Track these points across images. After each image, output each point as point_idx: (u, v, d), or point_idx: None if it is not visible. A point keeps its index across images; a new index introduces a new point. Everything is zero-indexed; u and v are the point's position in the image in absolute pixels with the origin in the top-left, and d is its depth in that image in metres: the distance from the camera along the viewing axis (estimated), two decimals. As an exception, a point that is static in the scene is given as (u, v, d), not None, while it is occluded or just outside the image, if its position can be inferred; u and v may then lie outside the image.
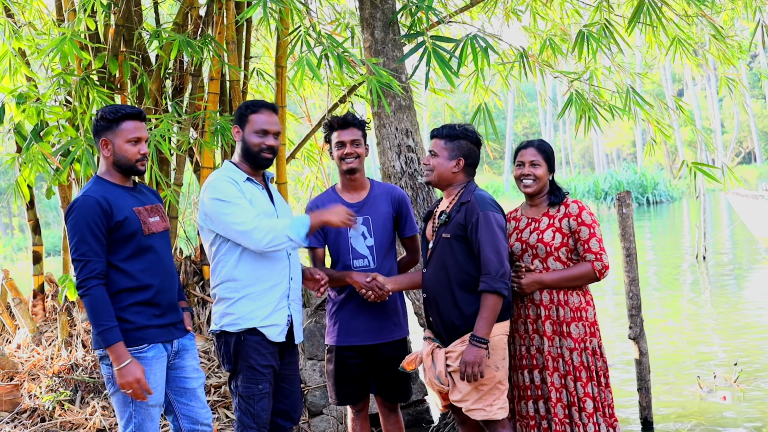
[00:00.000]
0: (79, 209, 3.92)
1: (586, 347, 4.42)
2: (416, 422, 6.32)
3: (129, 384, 3.87)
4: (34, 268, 7.21)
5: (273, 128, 4.34)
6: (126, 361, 3.87)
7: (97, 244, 3.90)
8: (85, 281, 3.87)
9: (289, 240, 4.12)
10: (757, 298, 11.88)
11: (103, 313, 3.87)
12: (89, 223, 3.88)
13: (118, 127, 4.00)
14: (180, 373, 4.20)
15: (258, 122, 4.31)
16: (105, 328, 3.85)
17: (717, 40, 7.07)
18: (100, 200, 3.92)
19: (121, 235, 3.96)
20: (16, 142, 6.65)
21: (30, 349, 6.77)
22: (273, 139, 4.33)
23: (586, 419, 4.37)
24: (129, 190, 4.10)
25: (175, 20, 7.12)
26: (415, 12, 5.83)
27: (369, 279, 4.46)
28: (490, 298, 4.13)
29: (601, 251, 4.41)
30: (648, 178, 38.56)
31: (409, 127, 5.84)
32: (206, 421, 4.27)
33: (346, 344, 4.64)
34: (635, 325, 6.06)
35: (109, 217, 3.92)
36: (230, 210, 4.15)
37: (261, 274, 4.26)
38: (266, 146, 4.30)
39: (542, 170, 4.52)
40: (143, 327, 3.99)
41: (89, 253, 3.88)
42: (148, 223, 4.05)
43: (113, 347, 3.87)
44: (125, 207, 3.99)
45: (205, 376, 4.41)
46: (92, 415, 5.97)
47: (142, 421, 4.02)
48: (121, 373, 3.87)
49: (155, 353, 4.03)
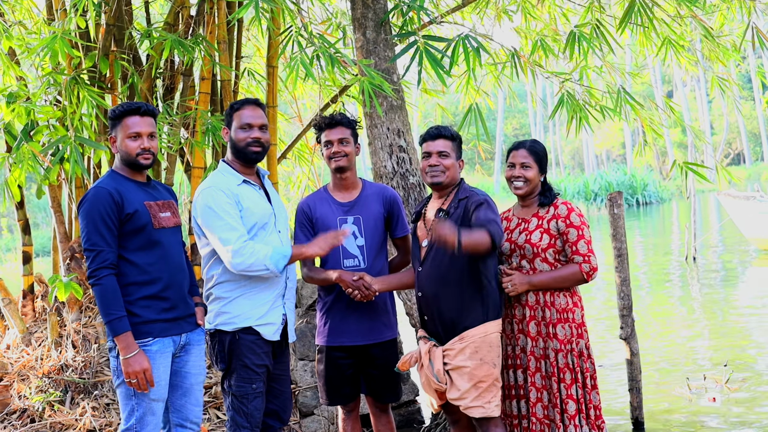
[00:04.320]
0: (92, 200, 4.00)
1: (573, 348, 4.42)
2: (407, 423, 6.32)
3: (135, 373, 3.92)
4: (24, 268, 7.18)
5: (257, 121, 4.37)
6: (133, 351, 3.94)
7: (109, 234, 3.96)
8: (97, 271, 3.93)
9: (266, 269, 4.18)
10: (747, 299, 11.91)
11: (113, 302, 3.93)
12: (101, 214, 3.95)
13: (120, 123, 4.11)
14: (182, 368, 4.22)
15: (242, 117, 4.37)
16: (114, 317, 3.92)
17: (708, 40, 7.08)
18: (112, 192, 4.00)
19: (130, 228, 4.02)
20: (6, 141, 6.62)
21: (20, 349, 6.74)
22: (258, 132, 4.36)
23: (568, 421, 4.37)
24: (142, 184, 4.18)
25: (166, 20, 7.11)
26: (406, 12, 5.83)
27: (356, 278, 4.45)
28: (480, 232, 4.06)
29: (590, 253, 4.42)
30: (638, 179, 38.67)
31: (401, 127, 5.84)
32: (196, 420, 4.28)
33: (337, 344, 4.64)
34: (626, 326, 6.07)
35: (120, 209, 3.99)
36: (218, 224, 4.19)
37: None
38: (252, 139, 4.33)
39: (533, 172, 4.53)
40: (150, 321, 4.04)
41: (101, 243, 3.95)
42: (158, 217, 4.11)
43: (121, 336, 3.93)
44: (136, 200, 4.06)
45: (206, 374, 4.41)
46: (82, 416, 5.94)
47: (143, 414, 4.05)
48: (128, 362, 3.92)
49: (160, 348, 4.06)
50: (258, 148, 4.36)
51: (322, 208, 4.65)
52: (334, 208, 4.64)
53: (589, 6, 6.64)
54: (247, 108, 4.39)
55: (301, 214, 4.67)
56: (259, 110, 4.42)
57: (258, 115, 4.39)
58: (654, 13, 6.18)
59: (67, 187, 7.05)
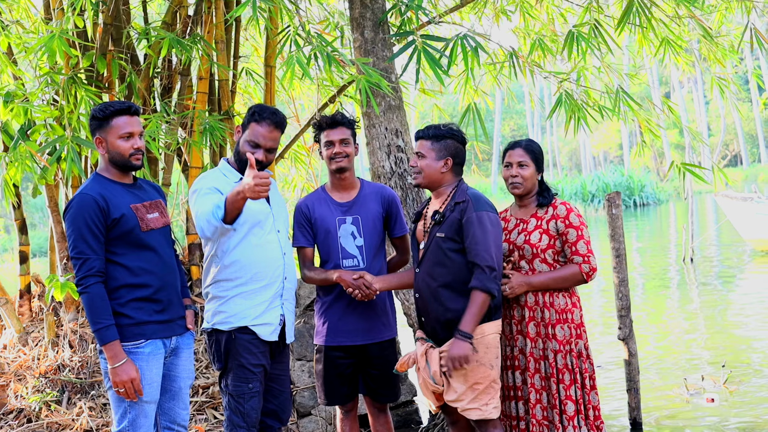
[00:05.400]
0: (77, 207, 3.94)
1: (572, 349, 4.41)
2: (405, 423, 6.31)
3: (122, 383, 3.90)
4: (21, 268, 7.16)
5: (267, 143, 4.28)
6: (121, 360, 3.90)
7: (95, 241, 3.91)
8: (84, 279, 3.90)
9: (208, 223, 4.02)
10: (745, 300, 11.91)
11: (101, 311, 3.89)
12: (87, 221, 3.90)
13: (109, 124, 4.02)
14: (171, 371, 4.19)
15: (254, 133, 4.27)
16: (102, 326, 3.88)
17: (706, 40, 7.08)
18: (97, 198, 3.93)
19: (118, 233, 3.97)
20: (3, 141, 6.60)
21: (16, 349, 6.72)
22: (262, 154, 4.26)
23: (567, 422, 4.36)
24: (128, 186, 4.11)
25: (164, 19, 7.09)
26: (404, 12, 5.82)
27: (356, 277, 4.44)
28: (480, 296, 4.12)
29: (589, 253, 4.41)
30: (635, 180, 38.64)
31: (399, 127, 5.82)
32: (183, 423, 4.28)
33: (335, 344, 4.62)
34: (624, 326, 6.06)
35: (105, 215, 3.93)
36: (195, 200, 4.21)
37: (255, 273, 4.27)
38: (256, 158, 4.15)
39: (530, 171, 4.51)
40: (142, 323, 4.00)
41: (87, 251, 3.90)
42: (146, 220, 4.05)
43: (109, 345, 3.90)
44: (122, 204, 4.00)
45: (194, 377, 4.39)
46: (79, 415, 5.93)
47: (136, 416, 4.02)
48: (115, 371, 3.89)
49: (152, 349, 4.04)
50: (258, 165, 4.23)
51: (321, 208, 4.64)
52: (333, 208, 4.63)
53: (587, 6, 6.63)
54: (265, 126, 4.27)
55: (299, 215, 4.66)
56: (276, 133, 4.31)
57: (272, 138, 4.29)
58: (652, 14, 6.18)
59: (63, 187, 7.03)
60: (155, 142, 6.27)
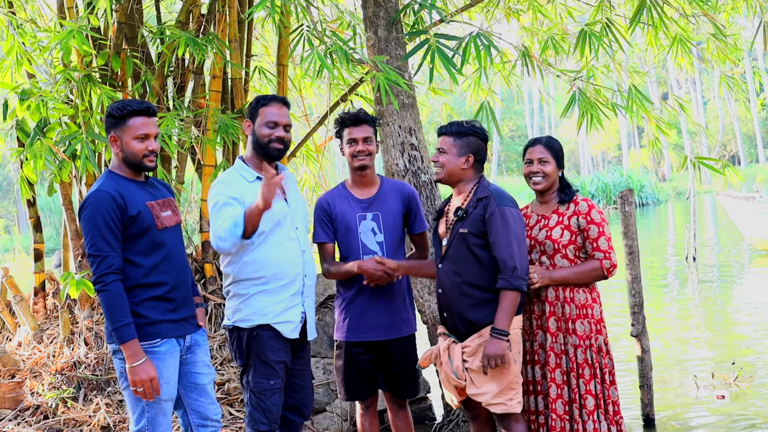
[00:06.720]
0: (94, 204, 3.89)
1: (591, 344, 4.45)
2: (420, 419, 6.33)
3: (141, 382, 3.86)
4: (35, 265, 7.17)
5: (283, 120, 4.36)
6: (140, 359, 3.87)
7: (113, 238, 3.88)
8: (103, 276, 3.85)
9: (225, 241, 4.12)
10: (749, 298, 11.95)
11: (119, 309, 3.85)
12: (105, 218, 3.86)
13: (125, 123, 3.99)
14: (191, 369, 4.19)
15: (268, 114, 4.34)
16: (121, 324, 3.84)
17: (716, 39, 7.12)
18: (114, 195, 3.90)
19: (135, 230, 3.95)
20: (18, 138, 6.63)
21: (31, 346, 6.74)
22: (282, 131, 4.35)
23: (586, 416, 4.39)
24: (141, 184, 4.09)
25: (178, 18, 7.12)
26: (418, 11, 5.85)
27: (377, 260, 4.48)
28: (509, 294, 4.16)
29: (610, 249, 4.45)
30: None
31: (413, 125, 5.85)
32: (215, 417, 4.26)
33: (356, 340, 4.65)
34: (637, 323, 6.10)
35: (123, 212, 3.90)
36: (214, 212, 4.24)
37: (275, 272, 4.29)
38: (276, 137, 4.32)
39: (551, 167, 4.57)
40: (157, 322, 3.98)
41: (106, 248, 3.86)
42: (160, 218, 4.04)
43: (128, 344, 3.86)
44: (138, 201, 3.98)
45: (215, 372, 4.41)
46: (96, 412, 5.95)
47: (154, 415, 4.01)
48: (134, 370, 3.86)
49: (168, 348, 4.02)
50: (280, 146, 4.36)
51: (341, 204, 4.67)
52: (353, 204, 4.66)
53: (599, 5, 6.66)
54: (274, 105, 4.37)
55: (320, 211, 4.69)
56: (285, 109, 4.40)
57: (284, 114, 4.38)
58: (665, 12, 6.21)
59: (77, 185, 7.06)
60: (170, 140, 6.31)
